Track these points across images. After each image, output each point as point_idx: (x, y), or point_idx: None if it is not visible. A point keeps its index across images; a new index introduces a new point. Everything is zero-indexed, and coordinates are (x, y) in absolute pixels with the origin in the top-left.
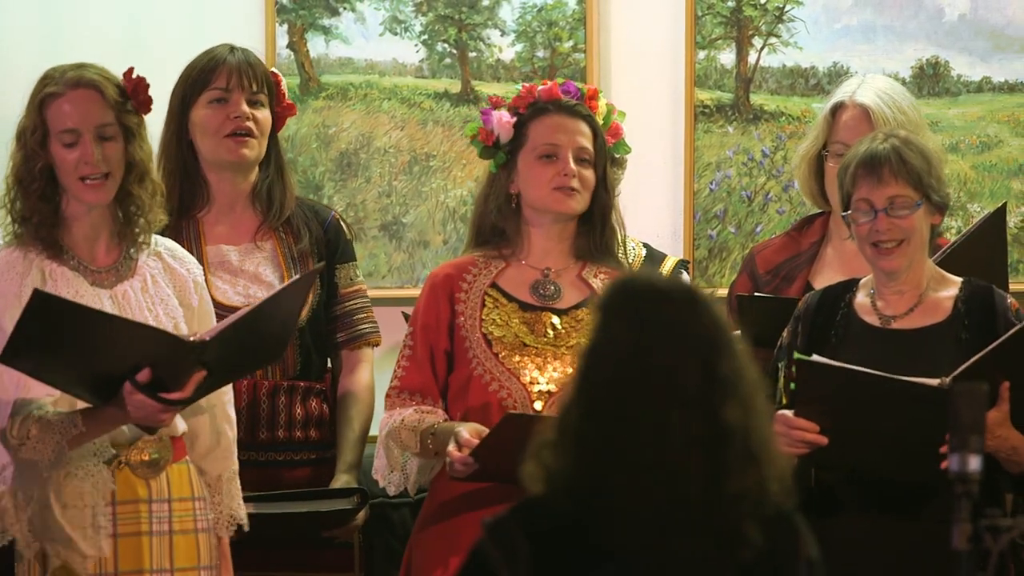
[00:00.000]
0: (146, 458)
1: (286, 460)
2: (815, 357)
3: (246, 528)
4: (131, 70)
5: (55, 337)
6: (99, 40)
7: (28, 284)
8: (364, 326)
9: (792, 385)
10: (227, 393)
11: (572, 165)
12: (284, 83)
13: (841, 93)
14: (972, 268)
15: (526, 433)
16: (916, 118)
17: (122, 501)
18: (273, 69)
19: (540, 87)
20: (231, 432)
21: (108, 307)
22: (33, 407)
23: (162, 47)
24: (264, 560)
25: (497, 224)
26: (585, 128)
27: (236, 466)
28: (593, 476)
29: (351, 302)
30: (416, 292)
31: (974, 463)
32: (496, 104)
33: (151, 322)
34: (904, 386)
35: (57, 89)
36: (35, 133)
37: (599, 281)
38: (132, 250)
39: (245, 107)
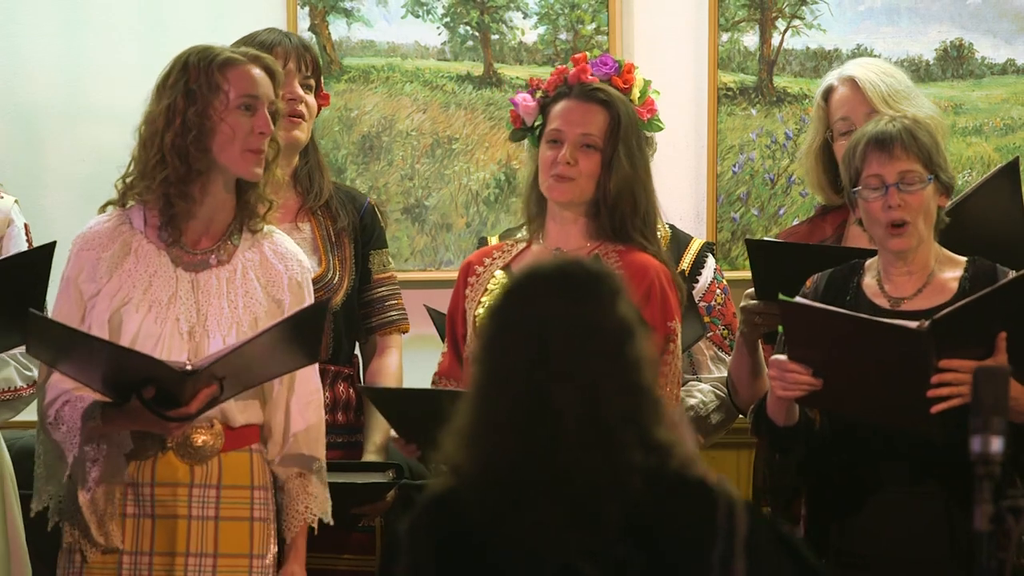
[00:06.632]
0: (197, 444)
1: None
2: (797, 298)
3: (329, 522)
4: None
5: (61, 351)
6: (118, 23)
7: (106, 258)
8: (394, 313)
9: (780, 328)
10: (311, 395)
11: (567, 152)
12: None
13: (826, 80)
14: (987, 226)
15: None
16: (907, 82)
17: (161, 483)
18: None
19: (571, 71)
20: (305, 435)
21: (186, 289)
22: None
23: (183, 29)
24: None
25: (528, 204)
26: (598, 113)
27: (307, 469)
28: (475, 461)
29: (383, 288)
30: (438, 275)
31: (996, 444)
32: (534, 87)
33: (226, 311)
34: (882, 327)
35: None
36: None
37: (608, 261)
38: (235, 238)
39: (299, 89)
